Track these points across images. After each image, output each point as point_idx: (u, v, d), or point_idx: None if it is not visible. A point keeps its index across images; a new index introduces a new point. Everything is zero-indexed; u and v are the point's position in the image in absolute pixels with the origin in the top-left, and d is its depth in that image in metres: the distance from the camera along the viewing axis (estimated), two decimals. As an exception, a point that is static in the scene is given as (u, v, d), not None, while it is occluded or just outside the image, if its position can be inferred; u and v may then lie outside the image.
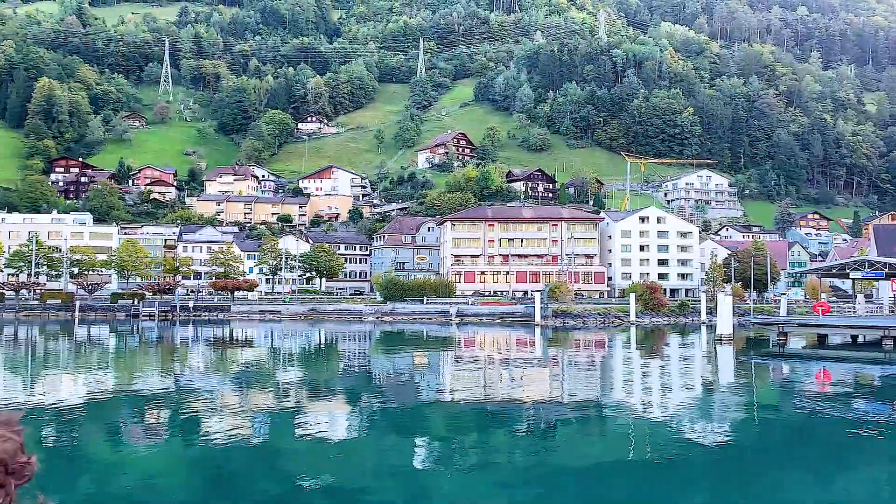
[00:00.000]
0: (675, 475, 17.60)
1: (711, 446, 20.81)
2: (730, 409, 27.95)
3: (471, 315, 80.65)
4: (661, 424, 24.26)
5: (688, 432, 22.59)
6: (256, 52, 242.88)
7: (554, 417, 25.35)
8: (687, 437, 21.92)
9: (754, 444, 21.36)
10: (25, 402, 27.24)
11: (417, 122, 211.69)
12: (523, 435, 22.66)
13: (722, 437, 22.30)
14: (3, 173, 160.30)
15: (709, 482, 17.42)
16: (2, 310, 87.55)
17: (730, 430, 23.38)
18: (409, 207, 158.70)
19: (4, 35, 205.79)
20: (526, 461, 18.79)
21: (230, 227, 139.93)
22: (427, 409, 27.34)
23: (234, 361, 45.76)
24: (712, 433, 22.72)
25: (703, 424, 24.25)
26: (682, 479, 17.38)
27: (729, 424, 24.62)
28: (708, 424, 24.34)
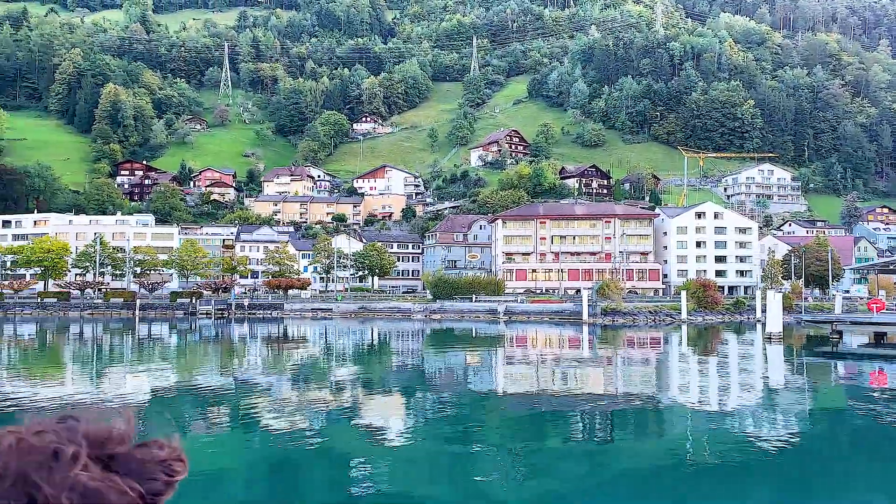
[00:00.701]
0: (728, 476, 17.23)
1: (764, 448, 20.22)
2: (778, 410, 27.18)
3: (519, 313, 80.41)
4: (710, 424, 23.80)
5: (737, 433, 22.11)
6: (312, 54, 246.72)
7: (607, 416, 25.11)
8: (738, 438, 21.41)
9: (808, 446, 20.80)
10: (92, 398, 28.07)
11: (471, 120, 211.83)
12: (578, 434, 22.48)
13: (774, 439, 21.61)
14: (72, 177, 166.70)
15: (765, 485, 16.86)
16: (68, 308, 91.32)
17: (780, 432, 22.71)
18: (462, 206, 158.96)
19: (73, 43, 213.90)
20: (581, 460, 18.70)
21: (286, 227, 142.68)
22: (480, 406, 27.36)
23: (289, 359, 46.44)
24: (763, 434, 22.16)
25: (752, 425, 23.70)
26: (735, 480, 16.96)
27: (778, 425, 23.94)
28: (757, 425, 23.78)
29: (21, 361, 44.34)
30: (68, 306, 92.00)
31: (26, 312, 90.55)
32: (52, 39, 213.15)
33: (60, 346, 56.11)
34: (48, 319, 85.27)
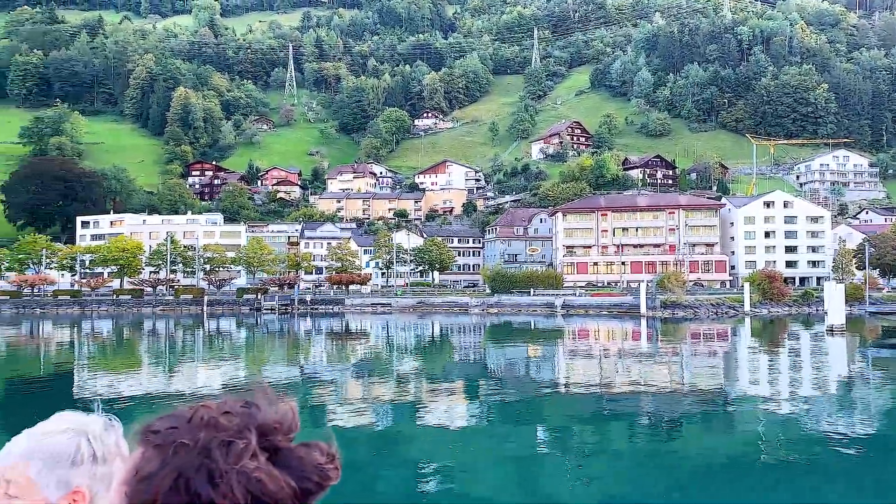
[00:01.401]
0: (799, 475, 16.80)
1: (831, 442, 19.60)
2: (844, 405, 26.29)
3: (577, 306, 79.78)
4: (777, 419, 23.19)
5: (805, 429, 21.48)
6: (374, 52, 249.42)
7: (673, 410, 24.64)
8: (806, 434, 20.77)
9: (878, 443, 20.02)
10: (167, 391, 29.06)
11: (532, 113, 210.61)
12: (643, 429, 22.10)
13: (838, 433, 20.94)
14: (146, 178, 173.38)
15: (838, 480, 16.49)
16: (141, 305, 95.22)
17: (849, 427, 21.92)
18: (523, 199, 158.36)
19: (146, 49, 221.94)
20: (647, 457, 18.36)
21: (349, 224, 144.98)
22: (543, 400, 27.25)
23: (351, 352, 47.17)
24: (830, 430, 21.44)
25: (818, 420, 22.99)
26: (808, 478, 16.54)
27: (846, 421, 23.16)
28: (824, 421, 23.02)
29: (101, 356, 46.33)
30: (141, 303, 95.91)
31: (102, 309, 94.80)
32: (126, 46, 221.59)
33: (136, 342, 58.31)
34: (123, 316, 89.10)
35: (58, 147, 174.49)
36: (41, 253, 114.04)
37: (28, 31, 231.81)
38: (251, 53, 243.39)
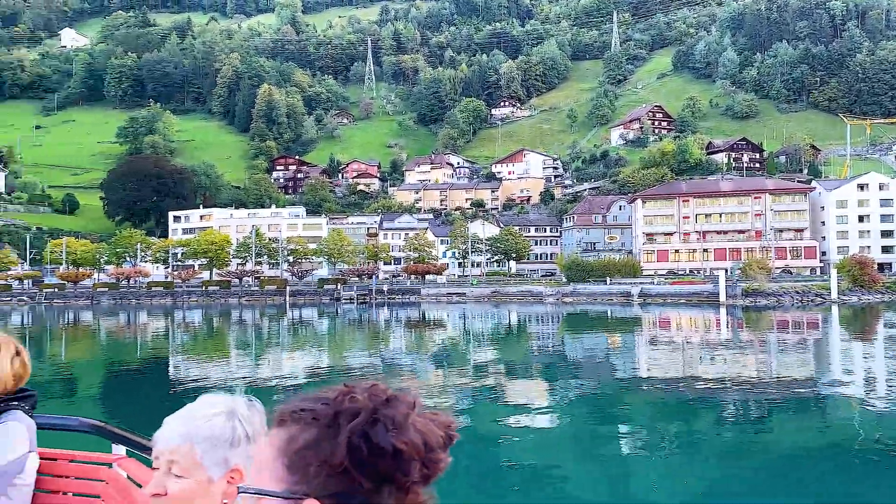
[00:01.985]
0: None
1: None
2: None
3: (654, 295, 78.32)
4: (869, 410, 22.22)
5: None
6: (451, 43, 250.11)
7: (760, 403, 23.73)
8: None
9: None
10: (258, 377, 29.91)
11: (611, 98, 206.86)
12: (730, 421, 21.40)
13: None
14: (233, 174, 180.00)
15: None
16: (229, 295, 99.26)
17: None
18: (602, 186, 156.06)
19: (231, 48, 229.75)
20: (735, 450, 17.74)
21: (426, 215, 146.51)
22: (623, 390, 26.84)
23: (429, 341, 47.70)
24: None
25: None
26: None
27: None
28: None
29: (194, 344, 48.44)
30: (229, 293, 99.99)
31: (193, 300, 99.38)
32: (213, 46, 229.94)
33: (225, 331, 60.51)
34: (212, 306, 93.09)
35: (151, 145, 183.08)
36: (136, 247, 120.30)
37: (122, 35, 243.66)
38: (331, 49, 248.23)
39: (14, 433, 2.96)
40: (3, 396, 3.01)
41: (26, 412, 3.05)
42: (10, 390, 3.02)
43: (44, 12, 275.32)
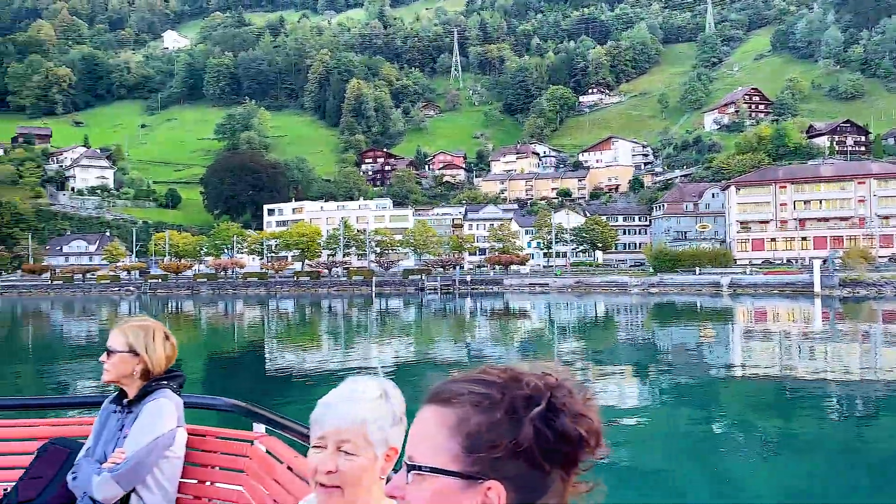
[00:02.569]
0: None
1: None
2: None
3: (745, 286, 75.48)
4: None
5: None
6: (538, 30, 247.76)
7: (865, 399, 22.39)
8: None
9: None
10: (350, 363, 30.21)
11: (705, 82, 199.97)
12: (832, 417, 20.43)
13: None
14: (324, 167, 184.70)
15: None
16: (318, 285, 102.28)
17: None
18: (694, 173, 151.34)
19: (321, 44, 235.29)
20: (838, 447, 16.93)
21: (511, 205, 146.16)
22: (717, 384, 25.84)
23: (514, 331, 47.44)
24: None
25: None
26: None
27: None
28: None
29: (288, 332, 49.80)
30: (318, 283, 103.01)
31: (285, 290, 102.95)
32: (304, 43, 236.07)
33: (317, 319, 61.82)
34: (303, 296, 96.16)
35: (247, 141, 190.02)
36: (233, 239, 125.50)
37: (220, 35, 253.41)
38: (418, 41, 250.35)
39: (165, 410, 3.26)
40: (155, 377, 3.33)
41: (175, 391, 3.37)
42: (162, 371, 3.35)
43: (148, 16, 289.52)
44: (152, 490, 3.22)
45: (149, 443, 3.18)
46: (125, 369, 3.26)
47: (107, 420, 3.39)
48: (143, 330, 3.29)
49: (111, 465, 3.17)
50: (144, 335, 3.28)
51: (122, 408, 3.35)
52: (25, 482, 3.40)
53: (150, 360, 3.27)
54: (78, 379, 26.13)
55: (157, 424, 3.22)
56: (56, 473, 3.39)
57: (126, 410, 3.32)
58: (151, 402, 3.24)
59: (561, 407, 1.13)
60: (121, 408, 3.35)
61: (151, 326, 3.34)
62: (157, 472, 3.23)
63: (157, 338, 3.31)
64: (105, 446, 3.31)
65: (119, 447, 3.23)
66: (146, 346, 3.26)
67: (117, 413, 3.36)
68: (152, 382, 3.30)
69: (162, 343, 3.32)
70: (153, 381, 3.30)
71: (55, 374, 28.09)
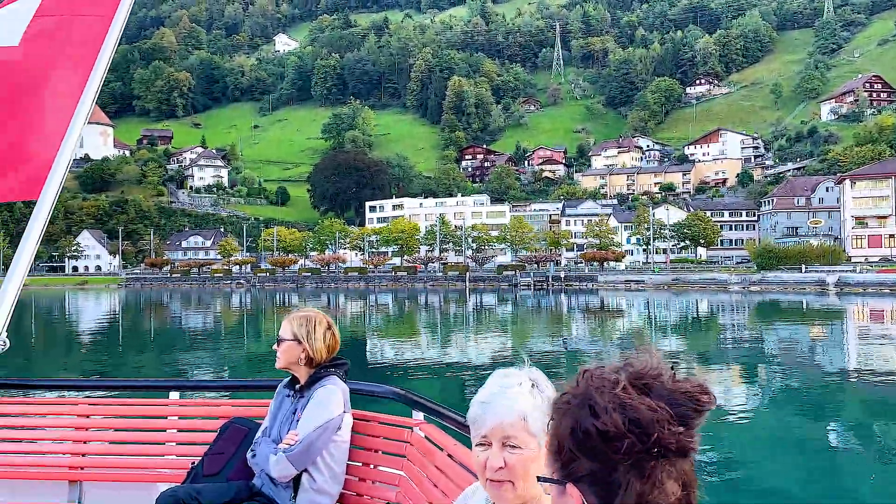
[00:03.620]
0: None
1: None
2: None
3: (853, 284, 71.49)
4: None
5: None
6: (643, 21, 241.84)
7: None
8: None
9: None
10: (447, 359, 30.48)
11: (822, 70, 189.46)
12: None
13: None
14: (425, 164, 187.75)
15: None
16: (414, 280, 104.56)
17: None
18: (808, 166, 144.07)
19: (424, 43, 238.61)
20: None
21: (611, 200, 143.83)
22: (833, 387, 24.73)
23: (612, 328, 46.74)
24: None
25: None
26: None
27: None
28: None
29: (387, 325, 50.92)
30: (415, 278, 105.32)
31: (383, 284, 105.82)
32: (408, 42, 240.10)
33: (414, 313, 62.87)
34: (400, 290, 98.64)
35: (352, 140, 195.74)
36: (336, 235, 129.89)
37: (327, 37, 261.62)
38: (519, 36, 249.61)
39: (334, 396, 3.47)
40: (321, 364, 3.54)
41: (341, 378, 3.56)
42: (326, 359, 3.54)
43: (261, 20, 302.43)
44: (322, 471, 3.47)
45: (319, 426, 3.41)
46: (292, 356, 3.50)
47: (281, 403, 3.65)
48: (307, 320, 3.53)
49: (286, 445, 3.42)
50: (307, 325, 3.51)
51: (294, 392, 3.59)
52: (210, 458, 3.71)
53: (312, 348, 3.48)
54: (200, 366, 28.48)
55: (327, 409, 3.44)
56: (236, 450, 3.70)
57: (298, 395, 3.56)
58: (321, 389, 3.47)
59: (590, 404, 1.17)
60: (293, 392, 3.59)
61: (314, 317, 3.57)
62: (327, 454, 3.47)
63: (319, 328, 3.52)
64: (280, 428, 3.56)
65: (293, 429, 3.46)
66: (308, 335, 3.48)
67: (290, 397, 3.60)
68: (321, 369, 3.53)
69: (323, 333, 3.52)
70: (321, 367, 3.53)
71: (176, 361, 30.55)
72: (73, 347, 37.63)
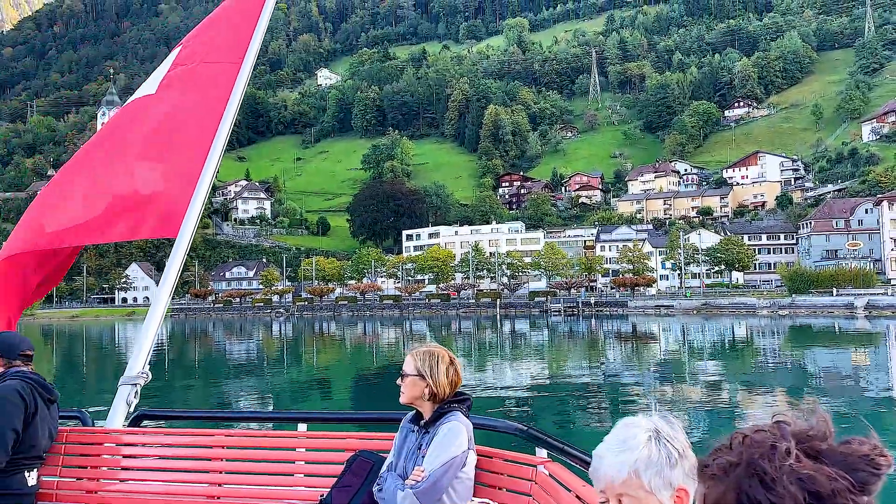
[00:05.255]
0: None
1: None
2: None
3: (882, 307, 70.63)
4: None
5: None
6: (680, 45, 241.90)
7: None
8: None
9: None
10: (481, 385, 30.32)
11: (864, 90, 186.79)
12: None
13: None
14: (462, 192, 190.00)
15: None
16: (448, 307, 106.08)
17: None
18: (848, 188, 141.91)
19: (461, 73, 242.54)
20: None
21: (646, 225, 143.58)
22: (881, 411, 24.44)
23: (645, 354, 46.59)
24: None
25: None
26: None
27: None
28: None
29: None
30: (448, 305, 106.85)
31: (417, 312, 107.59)
32: (445, 73, 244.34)
33: (448, 340, 62.37)
34: (434, 317, 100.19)
35: (391, 170, 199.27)
36: (372, 264, 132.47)
37: (367, 70, 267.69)
38: (556, 64, 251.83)
39: (459, 432, 3.41)
40: (445, 399, 3.49)
41: (464, 413, 3.51)
42: (449, 395, 3.50)
43: (303, 55, 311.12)
44: None
45: (445, 463, 3.34)
46: (416, 392, 3.47)
47: (406, 437, 3.62)
48: (429, 356, 3.49)
49: (413, 482, 3.37)
50: (430, 360, 3.47)
51: (419, 428, 3.55)
52: (338, 491, 3.75)
53: (435, 383, 3.44)
54: (240, 396, 30.28)
55: (452, 446, 3.37)
56: (363, 484, 3.73)
57: (423, 430, 3.51)
58: (446, 425, 3.41)
59: (757, 474, 1.11)
60: (418, 427, 3.55)
61: (437, 352, 3.53)
62: (452, 491, 3.39)
63: (442, 363, 3.49)
64: (405, 463, 3.52)
65: (418, 465, 3.42)
66: (431, 371, 3.45)
67: (415, 432, 3.56)
68: (445, 405, 3.47)
69: (446, 369, 3.48)
70: (445, 403, 3.48)
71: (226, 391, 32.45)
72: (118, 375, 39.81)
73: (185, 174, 4.49)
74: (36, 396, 4.19)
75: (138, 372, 4.67)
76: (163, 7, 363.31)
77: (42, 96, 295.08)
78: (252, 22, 4.97)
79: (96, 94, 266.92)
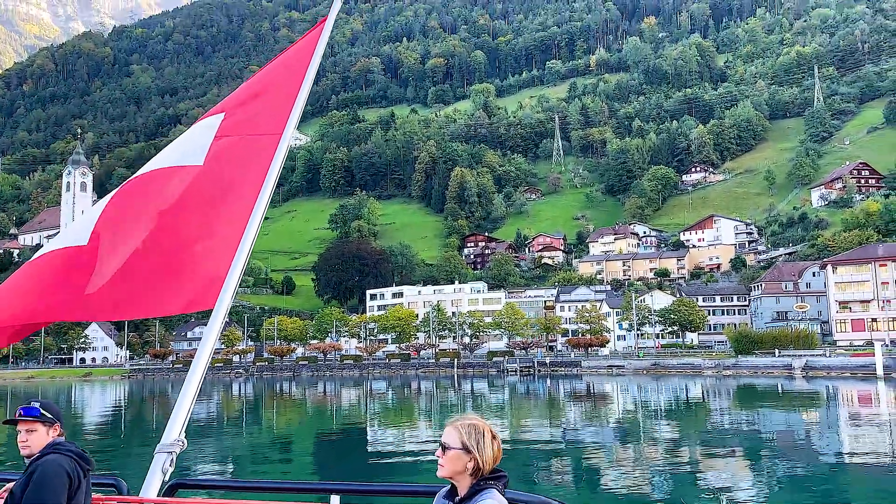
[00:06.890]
0: None
1: None
2: None
3: (819, 368, 73.51)
4: None
5: None
6: (639, 112, 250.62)
7: None
8: None
9: None
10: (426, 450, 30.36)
11: (813, 157, 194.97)
12: None
13: None
14: (429, 251, 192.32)
15: None
16: (407, 367, 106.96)
17: None
18: (799, 251, 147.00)
19: (428, 136, 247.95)
20: None
21: (605, 286, 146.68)
22: (833, 471, 24.81)
23: (600, 414, 47.20)
24: None
25: None
26: None
27: None
28: None
29: (389, 414, 52.08)
30: (407, 365, 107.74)
31: (376, 371, 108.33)
32: (413, 135, 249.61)
33: (409, 400, 64.64)
34: (393, 377, 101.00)
35: (358, 230, 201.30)
36: (335, 323, 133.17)
37: (336, 131, 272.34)
38: (521, 128, 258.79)
39: None
40: (484, 475, 3.32)
41: (500, 491, 3.31)
42: (490, 470, 3.33)
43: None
44: None
45: None
46: (458, 466, 3.31)
47: None
48: (475, 429, 3.35)
49: None
50: (476, 434, 3.33)
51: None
52: None
53: (482, 458, 3.30)
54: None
55: None
56: None
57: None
58: (482, 502, 3.25)
59: None
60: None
61: (481, 426, 3.38)
62: None
63: (487, 437, 3.34)
64: None
65: None
66: (478, 445, 3.31)
67: None
68: (481, 481, 3.32)
69: (490, 442, 3.35)
70: (481, 479, 3.32)
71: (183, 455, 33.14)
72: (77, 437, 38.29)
73: (225, 246, 4.56)
74: (78, 470, 4.21)
75: (174, 439, 4.49)
76: (134, 67, 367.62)
77: (8, 154, 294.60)
78: (294, 92, 5.00)
79: (63, 153, 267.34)
